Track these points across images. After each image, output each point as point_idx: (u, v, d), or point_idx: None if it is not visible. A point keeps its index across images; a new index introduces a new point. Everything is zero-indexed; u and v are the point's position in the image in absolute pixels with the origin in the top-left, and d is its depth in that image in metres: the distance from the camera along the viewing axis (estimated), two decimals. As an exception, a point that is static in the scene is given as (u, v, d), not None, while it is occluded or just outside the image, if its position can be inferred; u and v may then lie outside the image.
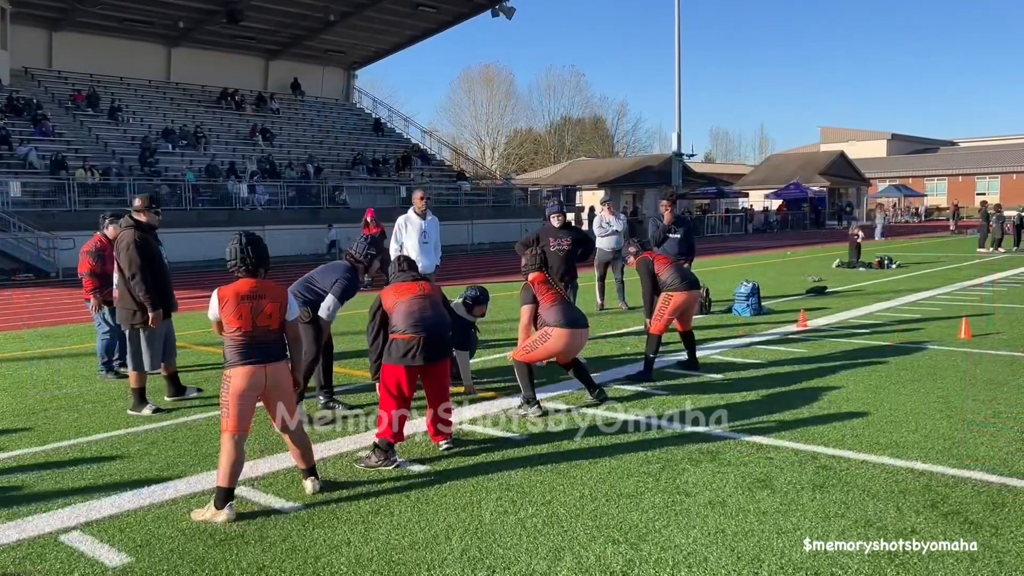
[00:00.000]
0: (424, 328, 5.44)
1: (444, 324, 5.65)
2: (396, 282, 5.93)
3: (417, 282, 5.88)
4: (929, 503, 4.48)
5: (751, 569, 3.75)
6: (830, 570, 3.72)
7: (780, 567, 3.76)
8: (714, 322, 11.32)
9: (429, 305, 5.63)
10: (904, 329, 10.36)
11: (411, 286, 5.80)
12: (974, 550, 3.88)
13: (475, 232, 33.86)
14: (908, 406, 6.52)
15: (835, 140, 75.23)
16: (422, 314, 5.52)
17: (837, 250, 24.69)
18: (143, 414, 6.82)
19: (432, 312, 5.59)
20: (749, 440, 5.69)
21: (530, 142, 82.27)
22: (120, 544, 4.16)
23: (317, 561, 3.93)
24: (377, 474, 5.15)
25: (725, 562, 3.83)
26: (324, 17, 38.03)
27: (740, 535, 4.12)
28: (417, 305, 5.59)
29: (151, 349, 7.00)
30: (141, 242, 6.93)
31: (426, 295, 5.71)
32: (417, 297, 5.66)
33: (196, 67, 38.69)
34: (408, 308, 5.56)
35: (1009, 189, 62.88)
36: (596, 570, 3.78)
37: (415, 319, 5.48)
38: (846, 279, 17.17)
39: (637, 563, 3.84)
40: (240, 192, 29.60)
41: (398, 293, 5.75)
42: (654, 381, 7.56)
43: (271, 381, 4.57)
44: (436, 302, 5.76)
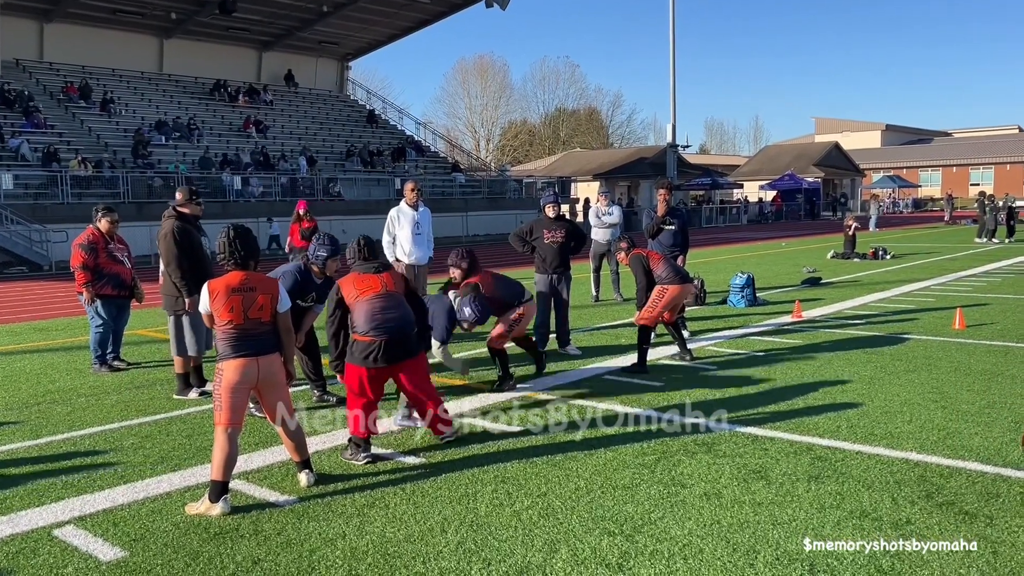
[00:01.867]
0: (385, 330, 5.25)
1: (407, 324, 5.38)
2: (356, 271, 5.59)
3: (379, 275, 5.50)
4: (924, 494, 4.48)
5: (746, 560, 3.75)
6: (825, 561, 3.72)
7: (776, 558, 3.76)
8: (709, 313, 11.32)
9: (392, 304, 5.38)
10: (898, 320, 10.38)
11: (373, 280, 5.45)
12: (973, 549, 3.88)
13: (470, 223, 33.84)
14: (903, 397, 6.53)
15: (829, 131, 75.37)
16: (384, 315, 5.30)
17: (832, 241, 24.72)
18: (189, 398, 7.01)
19: (395, 312, 5.34)
20: (744, 431, 5.69)
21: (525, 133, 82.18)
22: (114, 538, 4.14)
23: (312, 554, 3.92)
24: (373, 467, 5.14)
25: (720, 553, 3.82)
26: (318, 8, 37.89)
27: (735, 526, 4.12)
28: (379, 304, 5.33)
29: (196, 334, 7.11)
30: (180, 232, 6.99)
31: (389, 292, 5.44)
32: (379, 296, 5.38)
33: (189, 59, 38.53)
34: (370, 308, 5.32)
35: (1002, 179, 63.08)
36: (592, 562, 3.77)
37: (376, 321, 5.27)
38: (841, 270, 17.19)
39: (633, 555, 3.83)
40: (234, 184, 29.50)
41: (359, 288, 5.44)
42: (649, 373, 7.55)
43: (264, 374, 4.56)
44: (399, 300, 5.46)
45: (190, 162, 30.34)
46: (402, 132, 44.14)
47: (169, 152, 31.15)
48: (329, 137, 38.90)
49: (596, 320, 10.95)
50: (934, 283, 14.41)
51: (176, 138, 32.44)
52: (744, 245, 27.02)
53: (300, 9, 38.03)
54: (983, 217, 26.18)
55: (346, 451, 5.32)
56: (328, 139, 38.63)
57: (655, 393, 6.85)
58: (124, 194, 26.38)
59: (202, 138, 33.34)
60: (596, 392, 6.93)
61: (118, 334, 8.54)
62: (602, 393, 6.89)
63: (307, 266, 6.63)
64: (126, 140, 30.72)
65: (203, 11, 35.85)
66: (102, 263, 8.20)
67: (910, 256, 20.34)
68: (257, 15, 37.54)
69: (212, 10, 35.17)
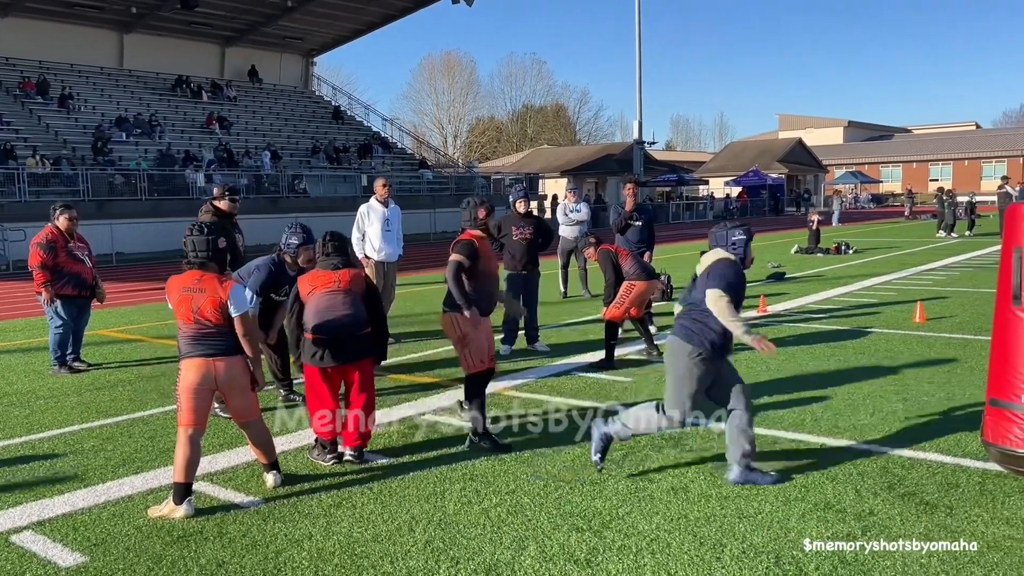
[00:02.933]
0: (330, 329, 5.09)
1: (355, 324, 5.14)
2: (317, 268, 5.46)
3: (337, 271, 5.29)
4: (886, 485, 4.55)
5: (713, 554, 3.77)
6: (790, 553, 3.76)
7: (742, 551, 3.79)
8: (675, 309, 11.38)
9: (341, 302, 5.16)
10: (861, 314, 10.53)
11: (328, 277, 5.27)
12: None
13: (437, 220, 33.70)
14: (865, 389, 6.63)
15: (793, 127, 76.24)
16: (331, 312, 5.12)
17: (796, 236, 25.01)
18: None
19: (343, 311, 5.13)
20: (711, 426, 5.73)
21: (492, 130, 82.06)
22: (74, 543, 4.06)
23: (278, 556, 3.87)
24: (339, 467, 5.10)
25: (688, 547, 3.85)
26: (282, 3, 37.43)
27: (702, 520, 4.15)
28: (328, 302, 5.16)
29: None
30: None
31: (342, 289, 5.22)
32: (331, 292, 5.19)
33: (150, 54, 37.85)
34: (318, 305, 5.18)
35: (961, 174, 64.35)
36: (560, 558, 3.77)
37: (322, 318, 5.12)
38: (805, 265, 17.41)
39: (601, 550, 3.84)
40: (197, 181, 29.08)
41: (314, 284, 5.30)
42: (616, 368, 7.58)
43: (223, 376, 4.46)
44: (352, 299, 5.22)
45: (152, 159, 29.84)
46: (368, 128, 43.80)
47: (130, 149, 30.59)
48: (294, 133, 38.49)
49: (564, 317, 10.97)
50: (895, 277, 14.65)
51: (137, 134, 31.87)
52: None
53: (264, 4, 37.55)
54: (942, 212, 26.68)
55: (312, 451, 5.26)
56: (293, 135, 38.22)
57: (623, 388, 6.87)
58: (84, 192, 25.87)
59: (164, 134, 32.81)
60: (565, 388, 6.94)
61: (78, 335, 8.37)
62: (571, 389, 6.90)
63: (280, 258, 6.50)
64: (85, 137, 30.12)
65: (164, 6, 35.23)
66: (62, 262, 8.03)
67: (872, 251, 20.66)
68: (220, 10, 36.98)
69: (174, 5, 34.57)
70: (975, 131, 77.51)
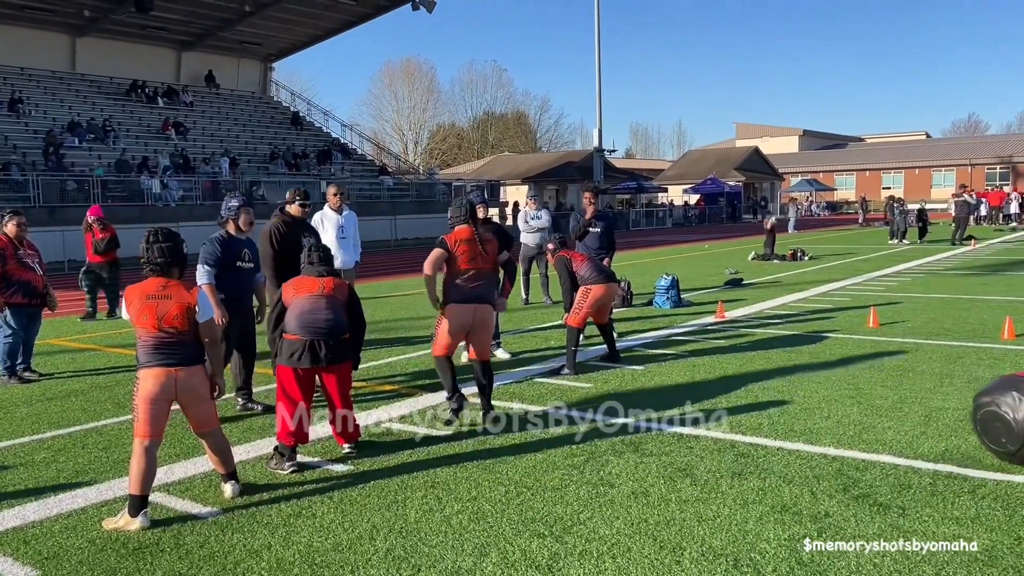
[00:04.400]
0: (312, 331, 5.21)
1: (336, 328, 5.30)
2: (302, 275, 5.57)
3: (321, 279, 5.45)
4: (841, 487, 4.64)
5: (673, 557, 3.81)
6: (748, 555, 3.81)
7: (701, 554, 3.83)
8: (635, 315, 11.49)
9: (324, 306, 5.31)
10: (817, 319, 10.72)
11: (313, 283, 5.42)
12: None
13: (398, 227, 33.58)
14: (821, 393, 6.75)
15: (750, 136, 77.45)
16: (313, 315, 5.26)
17: (753, 243, 25.39)
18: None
19: (325, 314, 5.29)
20: (670, 431, 5.79)
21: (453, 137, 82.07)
22: (24, 557, 3.96)
23: (236, 567, 3.82)
24: (299, 476, 5.05)
25: (648, 551, 3.88)
26: (239, 7, 37.06)
27: (662, 524, 4.19)
28: (310, 305, 5.30)
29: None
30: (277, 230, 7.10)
31: (325, 295, 5.38)
32: (313, 296, 5.34)
33: (103, 58, 37.21)
34: (300, 308, 5.30)
35: (912, 182, 65.90)
36: (522, 564, 3.78)
37: (304, 320, 5.24)
38: (762, 271, 17.68)
39: (562, 555, 3.86)
40: (152, 188, 28.60)
41: (297, 289, 5.43)
42: (577, 374, 7.62)
43: (183, 385, 4.40)
44: (334, 304, 5.39)
45: (106, 164, 29.28)
46: (328, 134, 43.53)
47: (83, 154, 30.00)
48: (252, 139, 38.09)
49: (526, 323, 11.00)
50: (850, 283, 14.94)
51: (91, 140, 31.27)
52: (669, 247, 27.53)
53: (221, 9, 37.13)
54: (893, 220, 27.30)
55: (271, 460, 5.21)
56: (251, 141, 37.82)
57: (584, 394, 6.91)
58: (35, 198, 25.30)
59: (118, 140, 32.23)
60: (526, 394, 6.95)
61: (29, 344, 8.17)
62: (532, 395, 6.92)
63: (225, 229, 6.57)
64: (36, 142, 29.46)
65: (118, 9, 34.64)
66: (11, 270, 7.84)
67: (827, 257, 21.05)
68: (176, 14, 36.49)
69: (128, 8, 34.00)
70: (925, 140, 79.51)
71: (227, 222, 6.60)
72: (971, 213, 29.81)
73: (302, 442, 5.24)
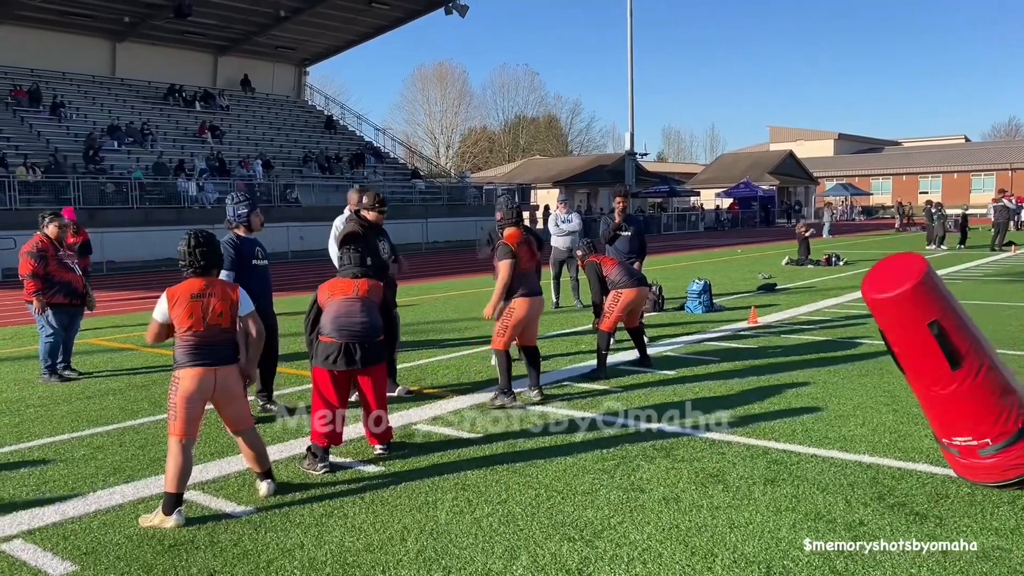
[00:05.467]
0: (347, 334, 5.27)
1: (371, 330, 5.37)
2: (338, 277, 5.66)
3: (356, 280, 5.53)
4: (876, 495, 4.57)
5: (704, 564, 3.79)
6: (781, 563, 3.77)
7: (733, 561, 3.80)
8: (667, 320, 11.43)
9: (359, 309, 5.37)
10: (851, 325, 10.58)
11: (347, 285, 5.49)
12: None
13: (430, 230, 33.73)
14: (856, 400, 6.66)
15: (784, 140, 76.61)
16: (348, 318, 5.32)
17: (787, 248, 25.12)
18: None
19: (360, 317, 5.34)
20: (702, 436, 5.75)
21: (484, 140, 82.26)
22: (64, 552, 4.04)
23: (269, 565, 3.87)
24: (331, 476, 5.09)
25: (679, 557, 3.86)
26: (275, 13, 37.52)
27: (693, 530, 4.16)
28: (345, 308, 5.36)
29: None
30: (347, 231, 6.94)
31: (359, 297, 5.44)
32: (348, 299, 5.40)
33: (142, 63, 37.85)
34: (336, 310, 5.36)
35: (950, 187, 64.78)
36: (552, 568, 3.78)
37: (339, 323, 5.30)
38: (795, 276, 17.49)
39: (592, 560, 3.85)
40: (189, 190, 29.05)
41: (332, 291, 5.49)
42: (608, 379, 7.60)
43: (220, 384, 4.49)
44: (369, 306, 5.45)
45: (144, 167, 29.79)
46: (361, 138, 43.86)
47: (122, 157, 30.55)
48: (286, 143, 38.50)
49: (556, 327, 10.99)
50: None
51: (129, 143, 31.83)
52: (701, 252, 27.34)
53: (256, 14, 37.61)
54: (931, 225, 26.87)
55: (304, 460, 5.26)
56: (285, 145, 38.23)
57: (615, 399, 6.89)
58: (75, 200, 25.80)
59: (156, 143, 32.77)
60: (556, 398, 6.95)
61: (68, 343, 8.34)
62: (562, 399, 6.91)
63: (236, 233, 6.58)
64: (77, 145, 30.05)
65: (158, 15, 35.24)
66: (52, 271, 8.01)
67: (863, 262, 20.76)
68: (213, 19, 37.04)
69: (167, 14, 34.61)
70: (964, 144, 78.10)
71: (237, 227, 6.60)
72: (1011, 218, 29.24)
73: (335, 443, 5.29)
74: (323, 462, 5.18)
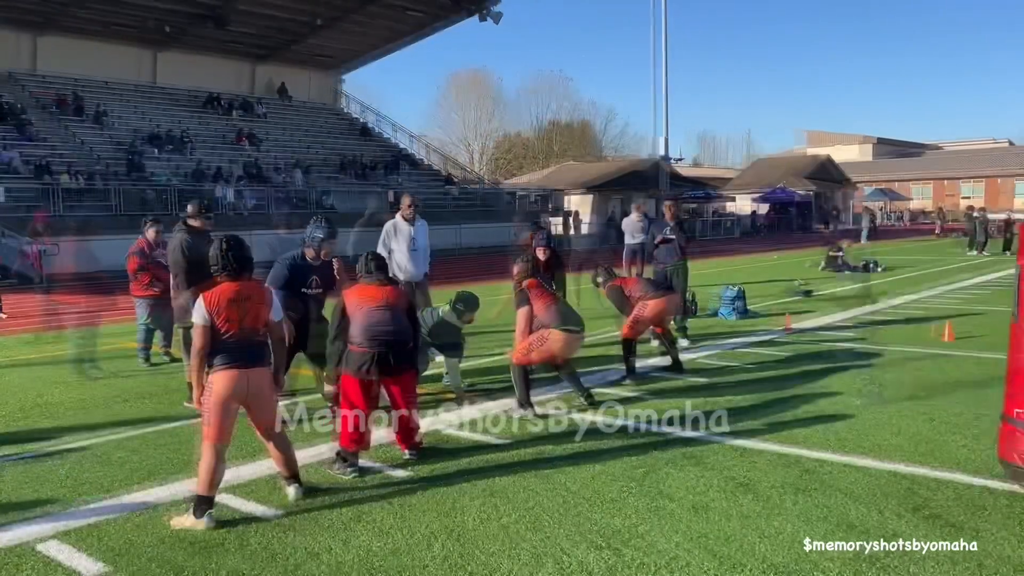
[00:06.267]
0: (380, 343, 5.29)
1: (402, 338, 5.42)
2: (362, 283, 5.65)
3: (383, 287, 5.56)
4: (911, 506, 4.49)
5: (732, 574, 3.74)
6: (812, 574, 3.72)
7: (762, 571, 3.75)
8: (700, 325, 11.33)
9: (389, 317, 5.40)
10: (887, 331, 10.40)
11: (375, 292, 5.51)
12: (955, 550, 3.89)
13: (463, 235, 33.84)
14: (891, 409, 6.54)
15: (820, 144, 75.61)
16: (380, 327, 5.34)
17: (823, 253, 24.78)
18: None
19: (391, 325, 5.38)
20: (733, 444, 5.69)
21: (518, 146, 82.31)
22: (97, 553, 4.12)
23: (297, 568, 3.90)
24: (359, 480, 5.13)
25: (707, 566, 3.82)
26: (311, 21, 37.95)
27: (722, 539, 4.12)
28: (376, 317, 5.37)
29: None
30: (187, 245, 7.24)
31: (388, 305, 5.46)
32: (378, 308, 5.41)
33: (182, 71, 38.50)
34: (367, 319, 5.37)
35: (992, 192, 63.40)
36: (578, 575, 3.76)
37: (372, 332, 5.32)
38: (831, 282, 17.24)
39: (619, 568, 3.83)
40: (226, 197, 29.47)
41: (361, 299, 5.50)
42: (639, 384, 7.56)
43: (253, 387, 4.54)
44: (398, 313, 5.48)
45: (183, 174, 30.30)
46: (396, 145, 44.17)
47: (162, 164, 31.10)
48: (322, 150, 38.90)
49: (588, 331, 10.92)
50: (924, 295, 14.46)
51: (169, 150, 32.40)
52: (736, 257, 27.07)
53: (294, 23, 38.09)
54: (972, 230, 26.33)
55: (333, 464, 5.30)
56: (321, 152, 38.63)
57: (644, 405, 6.84)
58: (116, 207, 26.32)
59: (195, 150, 33.31)
60: (585, 404, 6.92)
61: (166, 329, 9.29)
62: (591, 405, 6.87)
63: (303, 252, 6.83)
64: (119, 152, 30.66)
65: (197, 24, 35.88)
66: (151, 267, 9.09)
67: (900, 268, 20.41)
68: (251, 28, 37.58)
69: (206, 24, 35.22)
70: (1008, 148, 76.36)
71: (308, 247, 6.87)
72: (1056, 223, 28.54)
73: (363, 448, 5.33)
74: (351, 466, 5.21)
